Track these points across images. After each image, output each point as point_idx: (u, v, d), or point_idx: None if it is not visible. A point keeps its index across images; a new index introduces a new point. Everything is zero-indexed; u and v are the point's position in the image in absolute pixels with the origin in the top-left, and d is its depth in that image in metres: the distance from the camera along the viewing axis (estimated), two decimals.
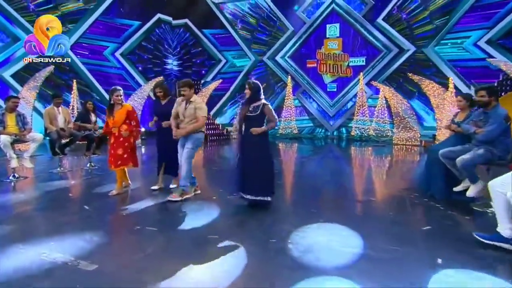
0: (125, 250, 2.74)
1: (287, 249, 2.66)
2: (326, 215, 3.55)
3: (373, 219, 3.52)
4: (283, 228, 3.11)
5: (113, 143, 4.34)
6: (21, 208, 3.81)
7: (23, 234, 2.97)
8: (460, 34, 11.18)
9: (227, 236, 2.90)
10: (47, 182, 5.01)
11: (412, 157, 8.25)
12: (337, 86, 13.39)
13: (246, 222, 3.33)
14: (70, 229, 3.06)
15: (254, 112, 3.63)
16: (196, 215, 3.51)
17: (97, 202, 3.97)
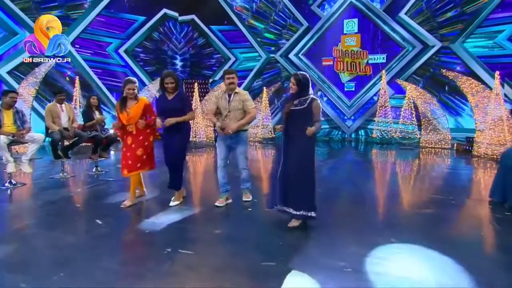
0: (158, 283, 1.98)
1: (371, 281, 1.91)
2: (394, 232, 2.78)
3: (461, 240, 2.76)
4: (349, 251, 2.36)
5: (131, 144, 3.60)
6: (20, 223, 3.04)
7: (23, 261, 2.21)
8: (492, 28, 10.42)
9: (285, 262, 2.16)
10: (49, 190, 4.24)
11: (452, 162, 7.49)
12: (355, 85, 12.62)
13: (299, 243, 2.57)
14: (83, 254, 2.31)
15: (300, 105, 2.91)
16: (237, 234, 2.75)
17: (111, 216, 3.21)
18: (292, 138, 2.93)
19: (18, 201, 3.84)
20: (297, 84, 2.94)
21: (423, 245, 2.46)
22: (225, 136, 3.51)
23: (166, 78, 3.54)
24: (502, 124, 6.95)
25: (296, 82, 2.94)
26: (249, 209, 3.47)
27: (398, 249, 2.42)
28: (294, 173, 2.88)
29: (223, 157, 3.60)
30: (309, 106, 2.89)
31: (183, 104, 3.56)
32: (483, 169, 6.29)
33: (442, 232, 2.98)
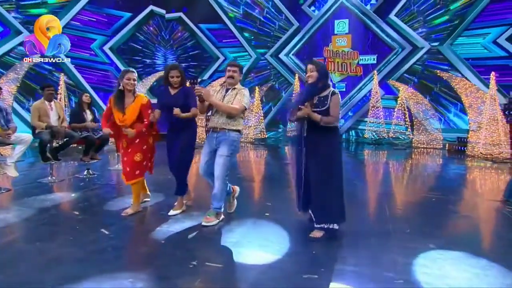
0: None
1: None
2: (428, 237, 2.63)
3: (497, 242, 2.64)
4: (391, 260, 2.18)
5: (127, 148, 3.24)
6: (9, 237, 2.68)
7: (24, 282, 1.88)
8: (479, 31, 10.68)
9: (328, 275, 1.95)
10: (38, 196, 3.82)
11: (448, 161, 7.55)
12: (346, 86, 12.64)
13: (334, 252, 2.37)
14: (93, 269, 2.00)
15: (321, 106, 2.61)
16: (263, 243, 2.50)
17: (116, 224, 2.88)
18: (313, 143, 2.66)
19: (5, 210, 3.42)
20: (317, 70, 2.64)
21: (464, 251, 2.32)
22: (210, 136, 3.07)
23: (172, 71, 3.18)
24: (497, 125, 7.05)
25: (316, 68, 2.65)
26: (266, 214, 3.23)
27: (440, 256, 2.26)
28: (317, 182, 2.62)
29: (204, 163, 3.09)
30: (326, 107, 2.60)
31: (188, 100, 3.16)
32: (493, 171, 6.24)
33: (476, 236, 2.85)
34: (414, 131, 9.85)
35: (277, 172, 6.26)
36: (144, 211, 3.33)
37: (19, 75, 6.82)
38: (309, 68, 2.67)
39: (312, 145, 2.67)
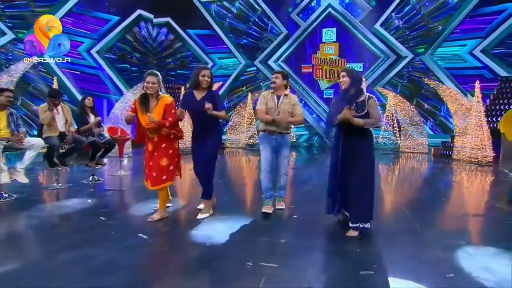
0: None
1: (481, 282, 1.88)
2: (455, 234, 2.82)
3: None
4: (433, 254, 2.33)
5: (153, 151, 3.21)
6: (47, 245, 2.54)
7: None
8: (456, 42, 11.39)
9: (381, 270, 2.07)
10: (55, 203, 3.70)
11: (441, 166, 7.97)
12: (334, 93, 13.02)
13: (377, 249, 2.48)
14: (150, 274, 1.99)
15: (360, 111, 2.74)
16: (306, 243, 2.56)
17: (149, 229, 2.82)
18: (351, 148, 2.80)
19: (25, 217, 3.28)
20: (349, 76, 2.80)
21: (495, 246, 2.50)
22: (270, 138, 3.35)
23: (203, 70, 3.20)
24: (481, 130, 7.54)
25: (348, 74, 2.81)
26: (294, 216, 3.31)
27: (476, 251, 2.43)
28: (357, 185, 2.76)
29: (269, 161, 3.40)
30: (368, 110, 2.78)
31: (215, 104, 3.16)
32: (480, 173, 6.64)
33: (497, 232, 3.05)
34: (401, 137, 10.28)
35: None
36: (169, 216, 3.30)
37: (14, 78, 6.52)
38: (341, 75, 2.82)
39: (350, 150, 2.79)
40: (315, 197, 4.11)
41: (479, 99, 7.58)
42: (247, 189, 5.07)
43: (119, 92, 12.31)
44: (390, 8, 12.11)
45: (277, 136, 3.35)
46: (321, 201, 3.19)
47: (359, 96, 2.82)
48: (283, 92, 3.37)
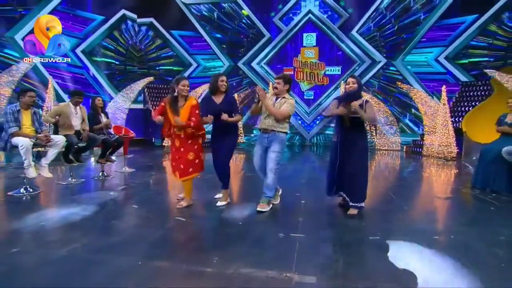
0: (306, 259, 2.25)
1: (458, 247, 2.52)
2: (437, 211, 3.50)
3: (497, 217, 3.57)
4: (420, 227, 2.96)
5: (180, 147, 3.64)
6: (92, 232, 2.87)
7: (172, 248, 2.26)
8: (424, 50, 12.54)
9: (385, 235, 2.60)
10: (81, 195, 4.01)
11: (414, 161, 8.88)
12: (314, 94, 13.80)
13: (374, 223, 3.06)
14: (213, 250, 2.43)
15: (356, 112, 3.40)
16: (320, 220, 3.13)
17: (183, 214, 3.27)
18: (350, 141, 3.38)
19: (62, 208, 3.56)
20: (357, 83, 3.40)
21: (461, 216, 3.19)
22: (263, 137, 3.59)
23: (221, 77, 3.64)
24: (447, 129, 8.53)
25: (357, 81, 3.42)
26: (303, 201, 3.87)
27: (450, 221, 3.11)
28: (354, 171, 3.34)
29: (258, 162, 3.63)
30: (366, 110, 3.39)
31: (232, 107, 3.66)
32: (446, 167, 7.63)
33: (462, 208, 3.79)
34: (377, 135, 11.19)
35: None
36: (194, 205, 3.72)
37: (15, 78, 6.55)
38: (351, 81, 3.40)
39: (349, 142, 3.38)
40: (313, 187, 4.70)
41: (445, 101, 8.57)
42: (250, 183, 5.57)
43: (103, 91, 12.34)
44: (365, 17, 13.07)
45: (269, 134, 3.51)
46: (320, 189, 3.77)
47: (360, 97, 3.44)
48: (283, 95, 3.59)
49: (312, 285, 1.87)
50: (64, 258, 2.21)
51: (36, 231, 2.75)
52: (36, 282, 1.88)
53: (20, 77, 6.76)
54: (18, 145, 3.84)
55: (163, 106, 3.62)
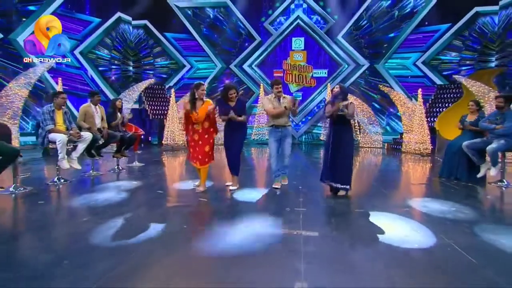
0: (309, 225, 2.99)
1: (424, 215, 3.33)
2: (412, 193, 4.33)
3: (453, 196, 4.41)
4: (397, 202, 3.75)
5: (198, 140, 4.34)
6: (135, 210, 3.54)
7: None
8: (403, 55, 13.59)
9: (370, 208, 3.39)
10: (109, 184, 4.63)
11: (394, 157, 9.80)
12: (302, 95, 14.60)
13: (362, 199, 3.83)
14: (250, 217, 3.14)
15: (345, 109, 4.19)
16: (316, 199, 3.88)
17: (206, 195, 3.95)
18: (340, 133, 4.16)
19: (99, 195, 4.14)
20: (340, 88, 4.21)
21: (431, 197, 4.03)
22: (276, 131, 4.50)
23: (231, 90, 4.43)
24: (423, 128, 9.50)
25: (339, 87, 4.22)
26: (300, 187, 4.62)
27: (418, 199, 3.92)
28: (343, 158, 4.13)
29: (276, 150, 4.59)
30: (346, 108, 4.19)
31: (242, 109, 4.48)
32: (421, 161, 8.56)
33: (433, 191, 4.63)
34: (361, 134, 12.11)
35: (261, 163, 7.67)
36: (208, 190, 4.40)
37: (32, 80, 6.98)
38: (336, 87, 4.20)
39: (339, 134, 4.15)
40: (307, 177, 5.47)
41: (421, 103, 9.54)
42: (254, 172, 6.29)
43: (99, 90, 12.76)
44: (350, 23, 14.00)
45: (282, 128, 4.51)
46: (312, 179, 4.52)
47: (346, 99, 4.23)
48: (282, 95, 4.56)
49: (315, 237, 2.61)
50: (126, 223, 2.88)
51: (92, 207, 3.41)
52: (109, 237, 2.53)
53: (37, 79, 7.20)
54: (56, 140, 4.42)
55: (185, 108, 4.32)
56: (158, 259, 2.16)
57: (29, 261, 2.16)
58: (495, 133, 5.03)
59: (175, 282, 1.88)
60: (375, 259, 2.23)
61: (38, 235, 2.66)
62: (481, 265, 2.14)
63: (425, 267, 2.13)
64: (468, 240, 2.60)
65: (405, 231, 2.80)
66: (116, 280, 1.88)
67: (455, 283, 1.94)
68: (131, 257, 2.17)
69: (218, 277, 1.96)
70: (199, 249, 2.35)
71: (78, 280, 1.86)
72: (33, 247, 2.44)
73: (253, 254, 2.26)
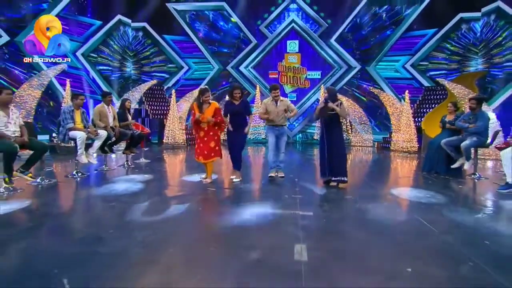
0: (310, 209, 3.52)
1: (395, 197, 3.91)
2: (399, 184, 4.90)
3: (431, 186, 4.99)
4: (383, 191, 4.33)
5: (203, 137, 4.84)
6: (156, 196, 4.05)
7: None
8: (393, 58, 14.25)
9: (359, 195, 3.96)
10: (124, 176, 5.12)
11: (383, 155, 10.43)
12: (297, 96, 15.20)
13: (352, 189, 4.40)
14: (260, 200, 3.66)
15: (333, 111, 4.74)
16: (314, 190, 4.41)
17: (213, 185, 4.47)
18: (332, 132, 4.70)
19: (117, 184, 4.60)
20: (328, 91, 4.76)
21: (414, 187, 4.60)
22: (274, 129, 5.06)
23: (236, 90, 4.96)
24: (410, 127, 10.14)
25: (328, 91, 4.77)
26: (296, 179, 5.16)
27: (402, 189, 4.50)
28: (338, 154, 4.65)
29: (274, 144, 5.13)
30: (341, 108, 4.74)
31: (246, 108, 5.02)
32: (408, 158, 9.18)
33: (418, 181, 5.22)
34: (352, 133, 12.72)
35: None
36: (214, 181, 4.91)
37: (45, 82, 7.39)
38: (324, 91, 4.76)
39: (332, 132, 4.68)
40: (302, 171, 6.02)
41: (408, 104, 10.18)
42: (253, 168, 6.82)
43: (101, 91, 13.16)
44: (343, 27, 14.62)
45: (279, 127, 5.10)
46: (307, 173, 5.08)
47: (336, 100, 4.77)
48: (279, 99, 5.10)
49: (310, 215, 3.16)
50: (150, 206, 3.39)
51: (115, 195, 3.90)
52: (139, 215, 3.03)
53: (49, 81, 7.61)
54: (76, 137, 4.90)
55: (194, 112, 4.83)
56: (185, 230, 2.69)
57: (80, 233, 2.66)
58: (468, 131, 5.65)
59: (201, 247, 2.40)
60: (360, 229, 2.78)
61: (81, 214, 3.17)
62: (441, 233, 2.70)
63: (397, 234, 2.69)
64: (434, 217, 3.17)
65: (385, 210, 3.36)
66: (155, 243, 2.39)
67: (419, 243, 2.50)
68: (162, 228, 2.70)
69: (234, 243, 2.48)
70: (215, 223, 2.88)
71: (123, 244, 2.37)
72: (81, 222, 2.95)
73: (260, 227, 2.80)
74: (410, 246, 2.45)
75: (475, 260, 2.14)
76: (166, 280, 1.87)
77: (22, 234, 2.59)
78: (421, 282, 1.88)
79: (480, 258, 2.17)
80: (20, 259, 2.16)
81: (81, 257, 2.11)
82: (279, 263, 2.09)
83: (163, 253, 2.22)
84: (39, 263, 2.05)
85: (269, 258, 2.18)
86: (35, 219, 3.02)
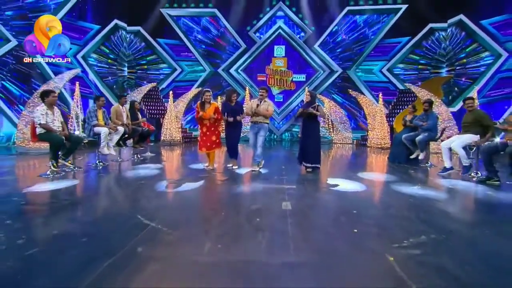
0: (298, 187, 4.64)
1: (362, 180, 5.07)
2: (372, 171, 6.10)
3: (390, 171, 6.19)
4: (349, 172, 5.49)
5: (206, 131, 5.91)
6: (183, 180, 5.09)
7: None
8: (371, 62, 15.61)
9: (333, 179, 5.10)
10: (139, 165, 6.11)
11: (360, 150, 11.68)
12: (283, 97, 16.37)
13: (327, 175, 5.55)
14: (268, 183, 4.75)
15: (314, 110, 5.89)
16: (296, 173, 5.54)
17: (215, 172, 5.52)
18: (309, 127, 5.85)
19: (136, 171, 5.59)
20: (311, 96, 5.92)
21: (385, 173, 5.79)
22: (254, 126, 5.90)
23: (234, 94, 6.05)
24: (383, 126, 11.44)
25: (311, 95, 5.92)
26: (283, 166, 6.27)
27: (369, 173, 5.67)
28: (313, 145, 5.82)
29: (253, 140, 5.94)
30: (316, 110, 5.88)
31: (240, 109, 6.08)
32: (381, 153, 10.46)
33: (387, 169, 6.43)
34: (334, 132, 13.97)
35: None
36: (216, 168, 5.97)
37: (60, 84, 8.21)
38: (307, 95, 5.87)
39: (309, 128, 5.82)
40: (288, 162, 7.13)
41: (381, 105, 11.48)
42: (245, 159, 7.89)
43: (100, 92, 13.96)
44: (326, 33, 15.88)
45: (258, 124, 5.84)
46: (292, 164, 6.19)
47: (314, 103, 5.92)
48: (264, 99, 5.99)
49: (294, 188, 4.26)
50: (172, 183, 4.42)
51: (139, 177, 4.91)
52: (167, 188, 4.06)
53: (65, 83, 8.40)
54: (100, 132, 5.86)
55: (197, 110, 5.87)
56: (205, 196, 3.75)
57: (123, 205, 3.69)
58: (422, 128, 6.90)
59: (215, 207, 3.47)
60: (332, 196, 3.91)
61: (118, 191, 4.17)
62: (386, 202, 3.87)
63: (353, 199, 3.84)
64: (383, 189, 4.35)
65: (351, 185, 4.52)
66: (182, 206, 3.44)
67: (366, 203, 3.65)
68: (188, 196, 3.75)
69: (236, 203, 3.56)
70: (224, 192, 3.96)
71: (160, 203, 3.41)
72: (121, 196, 3.96)
73: (256, 195, 3.89)
74: (361, 209, 3.61)
75: (399, 211, 3.31)
76: (196, 222, 2.94)
77: (88, 199, 3.60)
78: (363, 240, 3.02)
79: (406, 211, 3.34)
80: (84, 219, 3.19)
81: (136, 209, 3.16)
82: (272, 210, 3.19)
83: (191, 211, 3.28)
84: (103, 220, 3.09)
85: (266, 208, 3.27)
86: (93, 191, 4.02)
